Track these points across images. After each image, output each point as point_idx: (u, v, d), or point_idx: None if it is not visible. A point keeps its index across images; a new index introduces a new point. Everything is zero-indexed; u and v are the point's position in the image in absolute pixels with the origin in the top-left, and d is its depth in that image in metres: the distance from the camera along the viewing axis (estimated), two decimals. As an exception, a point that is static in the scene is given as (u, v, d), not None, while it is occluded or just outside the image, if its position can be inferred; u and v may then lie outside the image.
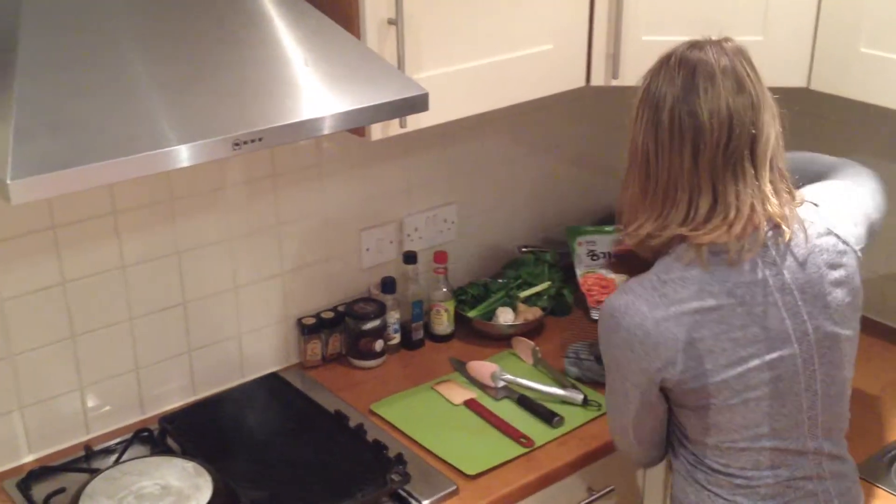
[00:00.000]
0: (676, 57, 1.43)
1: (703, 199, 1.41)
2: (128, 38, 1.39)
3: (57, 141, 1.22)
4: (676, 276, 1.43)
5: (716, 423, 1.48)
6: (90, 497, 1.56)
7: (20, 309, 1.76)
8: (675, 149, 1.41)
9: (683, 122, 1.39)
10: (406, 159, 2.20)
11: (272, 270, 2.07)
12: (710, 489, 1.54)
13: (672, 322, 1.41)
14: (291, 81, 1.47)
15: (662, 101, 1.41)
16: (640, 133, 1.44)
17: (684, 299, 1.41)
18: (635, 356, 1.43)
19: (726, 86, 1.40)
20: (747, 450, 1.49)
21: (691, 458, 1.56)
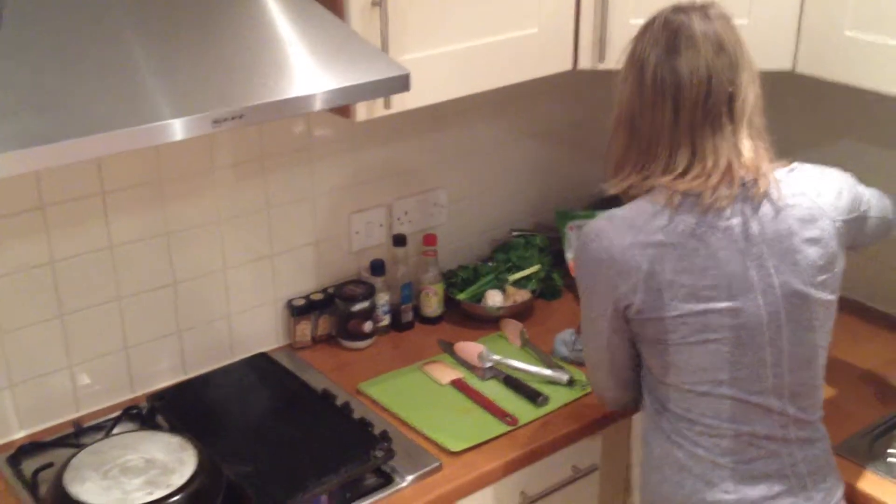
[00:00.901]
0: (660, 20, 1.51)
1: (683, 152, 1.50)
2: (114, 18, 1.41)
3: (38, 117, 1.24)
4: (647, 212, 1.50)
5: (674, 361, 1.52)
6: (76, 469, 1.58)
7: (9, 288, 1.78)
8: (658, 106, 1.49)
9: (665, 80, 1.48)
10: (396, 143, 2.22)
11: (262, 252, 2.09)
12: (673, 438, 1.57)
13: (637, 250, 1.48)
14: (274, 61, 1.48)
15: (646, 62, 1.49)
16: (626, 92, 1.53)
17: (650, 231, 1.49)
18: (601, 279, 1.51)
19: (706, 46, 1.48)
20: (707, 395, 1.53)
21: (657, 406, 1.60)
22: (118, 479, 1.57)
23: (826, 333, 1.58)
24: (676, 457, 1.57)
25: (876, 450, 1.83)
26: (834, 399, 1.95)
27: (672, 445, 1.58)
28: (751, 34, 1.92)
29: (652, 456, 1.62)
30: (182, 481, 1.56)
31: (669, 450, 1.58)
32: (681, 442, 1.57)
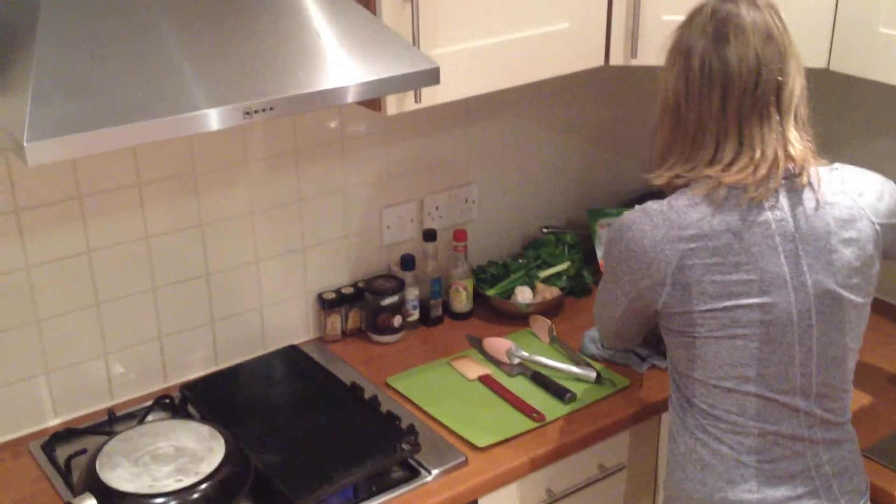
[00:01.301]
0: (708, 8, 1.50)
1: (730, 141, 1.48)
2: (151, 7, 1.43)
3: (74, 105, 1.27)
4: (684, 204, 1.49)
5: (701, 354, 1.52)
6: (108, 456, 1.61)
7: (46, 276, 1.82)
8: (705, 94, 1.48)
9: (713, 68, 1.47)
10: (428, 138, 2.23)
11: (293, 245, 2.11)
12: (697, 434, 1.56)
13: (668, 245, 1.48)
14: (306, 53, 1.50)
15: (694, 50, 1.48)
16: (672, 80, 1.52)
17: (684, 226, 1.48)
18: (629, 269, 1.53)
19: (755, 35, 1.47)
20: (733, 391, 1.52)
21: (682, 401, 1.60)
22: (148, 466, 1.60)
23: (857, 336, 1.56)
24: (700, 454, 1.56)
25: (907, 452, 1.80)
26: (864, 402, 1.93)
27: (696, 442, 1.57)
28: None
29: (677, 452, 1.61)
30: (210, 469, 1.58)
31: (693, 446, 1.57)
32: (705, 439, 1.56)
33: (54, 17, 1.34)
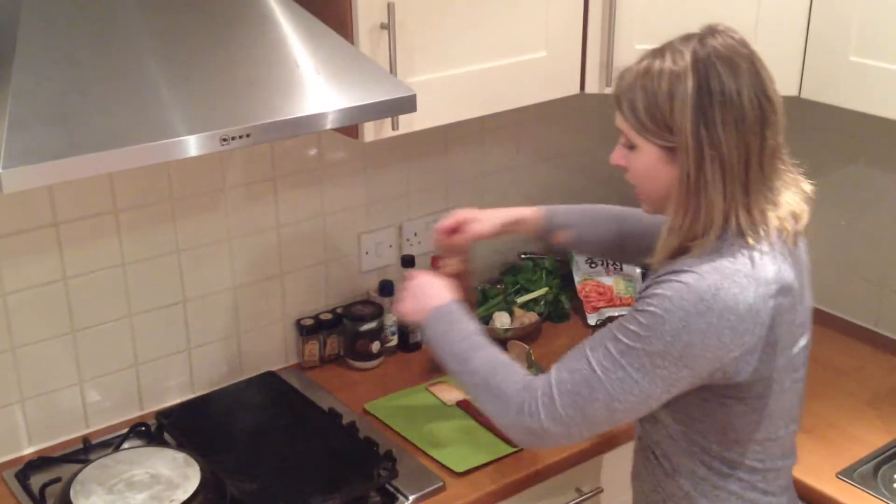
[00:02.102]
0: (711, 52, 1.34)
1: (783, 173, 1.40)
2: (130, 36, 1.44)
3: (50, 132, 1.27)
4: (752, 255, 1.34)
5: (770, 412, 1.42)
6: (82, 483, 1.60)
7: (22, 303, 1.81)
8: (755, 130, 1.34)
9: (763, 107, 1.35)
10: (407, 165, 2.24)
11: (271, 271, 2.11)
12: (748, 496, 1.47)
13: (761, 304, 1.33)
14: (283, 81, 1.51)
15: (737, 96, 1.33)
16: (722, 135, 1.32)
17: (769, 281, 1.34)
18: (720, 343, 1.31)
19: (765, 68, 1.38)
20: (783, 439, 1.47)
21: (722, 469, 1.46)
22: (123, 493, 1.59)
23: None
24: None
25: (882, 475, 1.82)
26: (840, 424, 1.94)
27: (743, 502, 1.48)
28: (756, 59, 1.94)
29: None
30: (185, 496, 1.58)
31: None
32: (755, 497, 1.48)
33: (32, 43, 1.34)
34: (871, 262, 2.27)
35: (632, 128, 1.39)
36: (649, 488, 1.57)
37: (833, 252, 2.35)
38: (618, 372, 1.34)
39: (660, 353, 1.32)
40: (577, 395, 1.37)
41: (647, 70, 1.36)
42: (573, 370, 1.39)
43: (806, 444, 1.88)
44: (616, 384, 1.35)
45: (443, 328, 1.55)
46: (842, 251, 2.33)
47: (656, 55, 1.37)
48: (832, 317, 2.36)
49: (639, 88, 1.36)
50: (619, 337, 1.35)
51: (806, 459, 1.83)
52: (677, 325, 1.30)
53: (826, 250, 2.36)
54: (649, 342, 1.32)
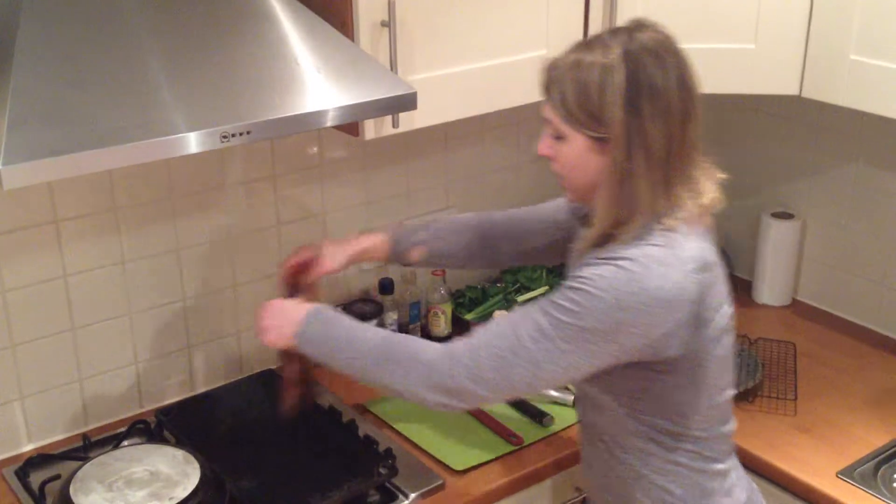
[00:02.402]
0: (639, 46, 1.38)
1: (700, 163, 1.45)
2: (131, 32, 1.44)
3: (50, 128, 1.27)
4: (674, 237, 1.40)
5: (707, 381, 1.47)
6: (81, 480, 1.60)
7: (22, 300, 1.81)
8: (679, 122, 1.39)
9: (686, 100, 1.39)
10: (407, 163, 2.24)
11: (271, 269, 2.10)
12: (696, 465, 1.52)
13: (687, 281, 1.39)
14: (284, 78, 1.51)
15: (664, 89, 1.37)
16: (650, 127, 1.37)
17: (693, 258, 1.40)
18: (651, 321, 1.37)
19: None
20: (721, 405, 1.52)
21: (669, 443, 1.51)
22: (122, 490, 1.59)
23: None
24: (700, 483, 1.53)
25: (882, 475, 1.81)
26: (840, 423, 1.94)
27: (695, 474, 1.53)
28: (757, 59, 1.95)
29: (670, 503, 1.54)
30: (185, 494, 1.58)
31: (694, 480, 1.53)
32: (703, 466, 1.52)
33: (32, 40, 1.34)
34: (871, 261, 2.27)
35: (561, 119, 1.42)
36: (601, 474, 1.61)
37: (833, 251, 2.35)
38: (546, 343, 1.40)
39: (591, 329, 1.38)
40: (501, 360, 1.42)
41: (578, 62, 1.39)
42: (500, 336, 1.44)
43: (806, 443, 1.88)
44: (543, 353, 1.40)
45: (320, 327, 1.56)
46: (842, 250, 2.33)
47: (585, 48, 1.41)
48: (832, 316, 2.36)
49: (569, 80, 1.40)
50: (550, 311, 1.40)
51: (806, 459, 1.83)
52: (611, 302, 1.36)
53: (826, 250, 2.36)
54: (581, 318, 1.38)
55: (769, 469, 1.84)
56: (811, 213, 2.37)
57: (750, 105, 2.41)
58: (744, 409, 1.98)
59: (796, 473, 1.80)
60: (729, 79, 1.98)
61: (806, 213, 2.38)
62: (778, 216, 2.38)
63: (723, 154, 1.96)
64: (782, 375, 2.10)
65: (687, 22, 1.96)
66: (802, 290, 2.43)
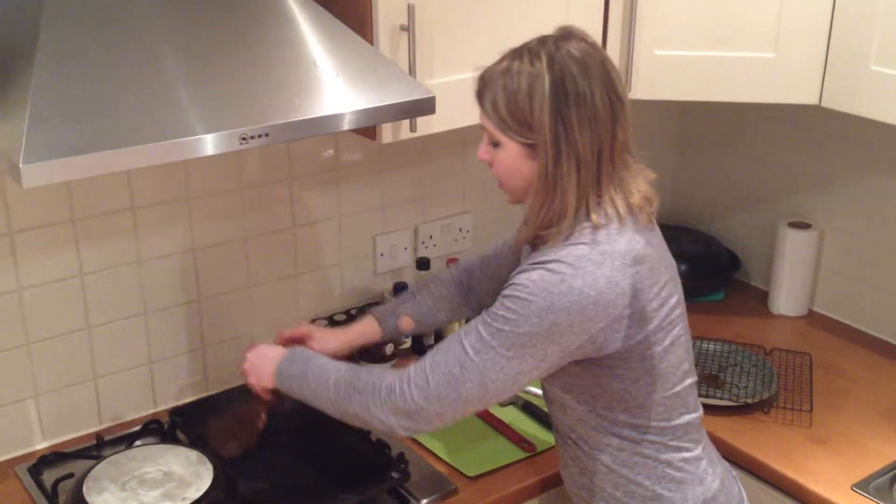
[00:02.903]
0: (565, 54, 1.41)
1: (630, 164, 1.49)
2: (151, 34, 1.45)
3: (70, 128, 1.28)
4: (602, 235, 1.44)
5: (661, 371, 1.50)
6: (95, 480, 1.60)
7: (38, 298, 1.82)
8: (607, 127, 1.43)
9: (614, 105, 1.43)
10: (423, 167, 2.24)
11: (286, 271, 2.11)
12: (662, 457, 1.55)
13: (619, 276, 1.42)
14: (302, 81, 1.51)
15: (590, 94, 1.40)
16: (577, 133, 1.40)
17: (622, 253, 1.43)
18: (585, 318, 1.40)
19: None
20: (680, 393, 1.55)
21: (633, 436, 1.53)
22: (136, 490, 1.59)
23: None
24: (669, 474, 1.56)
25: (898, 488, 1.81)
26: (856, 436, 1.93)
27: (662, 465, 1.56)
28: (777, 68, 1.94)
29: (636, 495, 1.57)
30: (198, 495, 1.58)
31: (660, 472, 1.56)
32: (669, 456, 1.56)
33: (53, 40, 1.35)
34: (888, 272, 2.26)
35: (494, 126, 1.46)
36: (577, 472, 1.63)
37: (850, 262, 2.33)
38: (489, 353, 1.43)
39: (528, 334, 1.41)
40: (450, 376, 1.45)
41: (507, 70, 1.43)
42: (446, 352, 1.47)
43: (821, 455, 1.87)
44: (488, 363, 1.43)
45: (298, 368, 1.60)
46: (858, 262, 2.31)
47: (515, 56, 1.44)
48: (848, 327, 2.35)
49: (500, 88, 1.44)
50: (489, 322, 1.44)
51: (821, 471, 1.82)
52: (542, 305, 1.40)
53: (843, 260, 2.35)
54: (517, 324, 1.41)
55: (784, 480, 1.83)
56: (828, 223, 2.36)
57: (768, 114, 2.40)
58: (759, 420, 1.97)
59: (811, 486, 1.79)
60: (748, 87, 1.98)
61: (823, 223, 2.36)
62: (795, 226, 2.37)
63: (740, 162, 2.00)
64: (798, 386, 2.09)
65: (707, 30, 1.95)
66: (819, 301, 2.42)
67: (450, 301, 1.87)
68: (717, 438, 1.92)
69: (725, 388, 2.06)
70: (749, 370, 2.12)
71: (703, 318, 2.36)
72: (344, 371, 1.56)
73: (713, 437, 1.91)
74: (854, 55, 1.86)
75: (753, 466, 1.88)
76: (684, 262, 2.42)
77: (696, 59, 1.97)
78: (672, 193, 2.67)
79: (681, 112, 2.61)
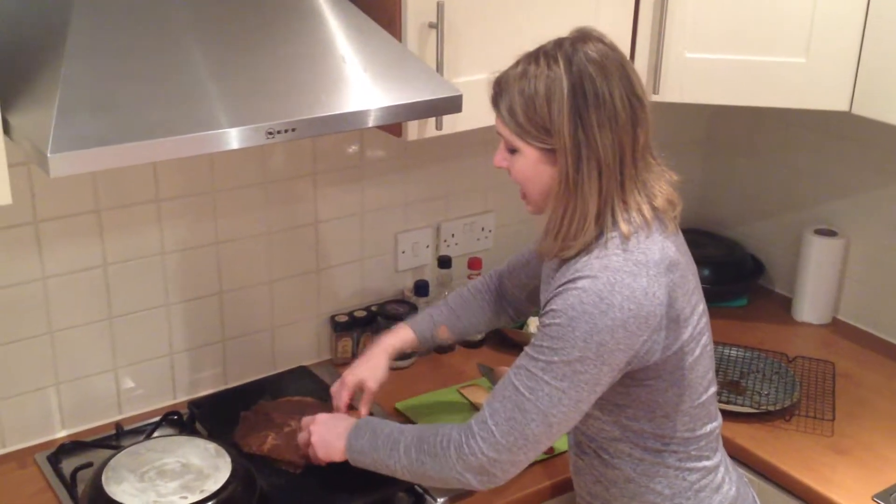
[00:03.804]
0: (583, 56, 1.39)
1: (653, 166, 1.47)
2: (179, 28, 1.45)
3: (98, 119, 1.28)
4: (633, 244, 1.41)
5: (689, 381, 1.48)
6: (114, 469, 1.60)
7: (62, 288, 1.82)
8: (627, 129, 1.39)
9: (635, 107, 1.40)
10: (447, 165, 2.23)
11: (308, 266, 2.11)
12: (686, 466, 1.54)
13: (655, 286, 1.39)
14: (330, 76, 1.51)
15: (610, 96, 1.38)
16: (598, 136, 1.38)
17: (656, 262, 1.41)
18: (628, 333, 1.37)
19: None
20: (705, 403, 1.53)
21: (657, 447, 1.52)
22: (154, 481, 1.59)
23: None
24: (691, 483, 1.54)
25: (920, 501, 1.78)
26: (877, 446, 1.91)
27: (685, 473, 1.54)
28: (808, 73, 1.92)
29: (661, 502, 1.55)
30: (216, 487, 1.58)
31: (684, 480, 1.54)
32: (691, 465, 1.54)
33: (83, 32, 1.35)
34: (915, 282, 2.24)
35: (512, 132, 1.43)
36: (591, 480, 1.61)
37: (875, 271, 2.31)
38: (544, 388, 1.39)
39: (578, 360, 1.37)
40: (512, 421, 1.42)
41: (524, 74, 1.41)
42: (503, 398, 1.43)
43: (841, 465, 1.85)
44: (545, 400, 1.40)
45: (367, 442, 1.58)
46: (884, 271, 2.29)
47: (531, 60, 1.42)
48: (873, 337, 2.32)
49: (517, 93, 1.41)
50: (535, 356, 1.41)
51: (841, 481, 1.80)
52: (585, 329, 1.36)
53: (869, 269, 2.33)
54: (565, 353, 1.38)
55: (804, 490, 1.81)
56: (855, 231, 2.33)
57: (797, 120, 2.38)
58: (780, 428, 1.95)
59: (832, 496, 1.77)
60: (778, 93, 1.96)
61: (850, 231, 2.34)
62: (821, 233, 2.35)
63: (767, 168, 1.98)
64: (820, 395, 2.07)
65: (738, 33, 1.94)
66: (843, 310, 2.40)
67: (485, 314, 1.87)
68: (737, 445, 1.91)
69: (747, 394, 2.04)
70: (771, 377, 2.10)
71: (725, 324, 2.34)
72: (410, 436, 1.53)
73: (733, 444, 1.90)
74: (887, 62, 1.84)
75: (773, 474, 1.86)
76: (708, 267, 2.42)
77: (725, 63, 1.95)
78: (699, 198, 2.65)
79: (709, 116, 2.59)
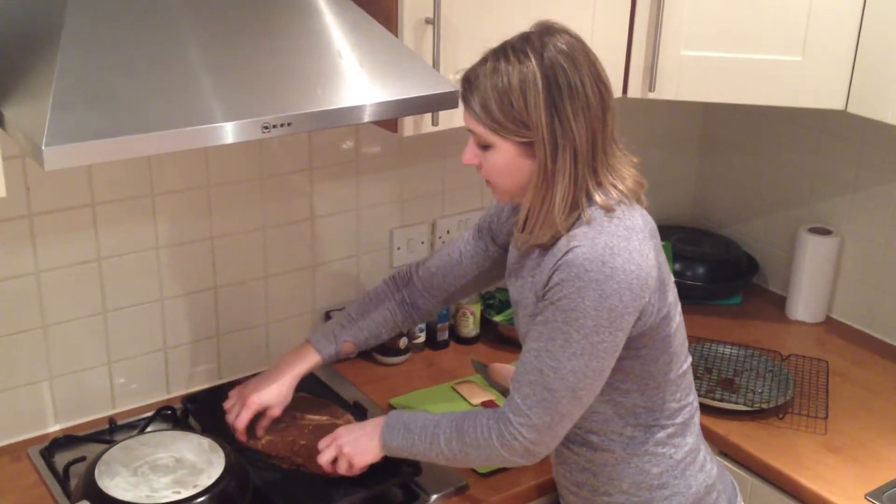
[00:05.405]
0: (552, 48, 1.42)
1: (617, 151, 1.51)
2: (175, 21, 1.44)
3: (93, 112, 1.27)
4: (618, 213, 1.45)
5: (674, 349, 1.53)
6: (106, 464, 1.60)
7: (55, 282, 1.82)
8: (599, 116, 1.44)
9: (603, 94, 1.44)
10: (442, 162, 2.23)
11: (303, 262, 2.11)
12: (673, 442, 1.56)
13: (646, 248, 1.44)
14: (326, 71, 1.50)
15: (582, 85, 1.41)
16: (573, 125, 1.41)
17: (641, 227, 1.46)
18: (634, 296, 1.40)
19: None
20: (686, 372, 1.58)
21: (648, 420, 1.55)
22: (147, 476, 1.59)
23: None
24: (676, 463, 1.57)
25: (913, 499, 1.79)
26: (871, 445, 1.91)
27: (673, 450, 1.57)
28: (804, 72, 1.93)
29: (642, 485, 1.57)
30: (209, 482, 1.57)
31: (669, 461, 1.56)
32: (678, 443, 1.57)
33: (79, 25, 1.35)
34: (909, 281, 2.24)
35: (487, 128, 1.45)
36: (577, 469, 1.62)
37: (870, 270, 2.31)
38: (566, 366, 1.42)
39: (593, 330, 1.40)
40: (545, 402, 1.44)
41: (495, 70, 1.42)
42: (531, 383, 1.45)
43: (835, 464, 1.85)
44: (570, 377, 1.42)
45: (402, 437, 1.59)
46: (879, 270, 2.29)
47: (499, 55, 1.44)
48: (867, 336, 2.33)
49: (489, 88, 1.42)
50: (551, 336, 1.43)
51: (834, 479, 1.81)
52: (594, 296, 1.39)
53: (863, 268, 2.33)
54: (579, 324, 1.40)
55: (797, 488, 1.81)
56: (850, 229, 2.34)
57: (792, 118, 2.38)
58: (774, 426, 1.95)
59: (825, 493, 1.77)
60: (773, 91, 1.96)
61: (844, 229, 2.35)
62: (815, 231, 2.35)
63: (762, 166, 1.98)
64: (814, 393, 2.07)
65: (734, 31, 1.94)
66: (837, 308, 2.40)
67: (392, 321, 1.84)
68: (730, 443, 1.91)
69: (741, 392, 2.04)
70: (765, 375, 2.11)
71: (720, 322, 2.34)
72: (447, 428, 1.54)
73: (727, 442, 1.91)
74: (882, 62, 1.84)
75: (767, 472, 1.87)
76: (703, 265, 2.42)
77: (721, 61, 1.95)
78: (693, 196, 2.65)
79: (705, 113, 2.59)
